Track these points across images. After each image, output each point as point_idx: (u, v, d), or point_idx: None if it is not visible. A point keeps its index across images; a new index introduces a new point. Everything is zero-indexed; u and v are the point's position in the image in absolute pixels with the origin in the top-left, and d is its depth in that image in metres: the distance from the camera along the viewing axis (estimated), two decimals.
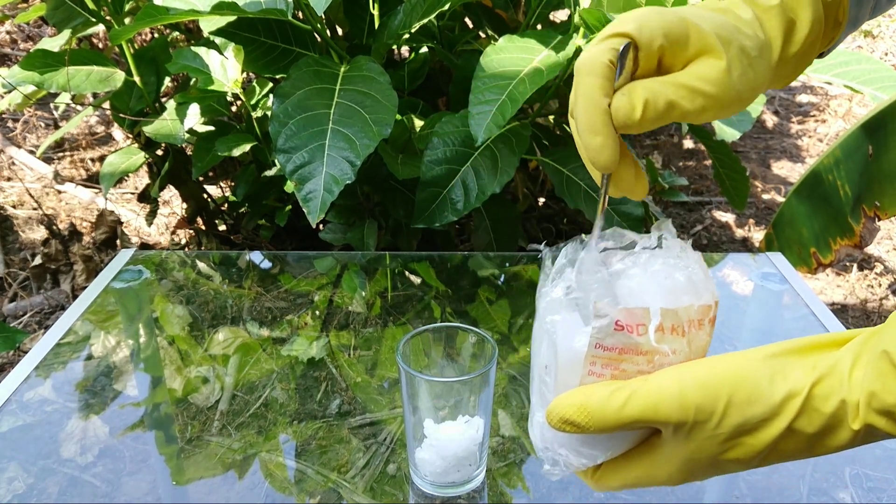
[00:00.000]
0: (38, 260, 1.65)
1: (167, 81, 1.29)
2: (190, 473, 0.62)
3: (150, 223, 1.50)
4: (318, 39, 1.13)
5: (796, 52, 0.45)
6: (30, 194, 1.93)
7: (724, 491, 0.62)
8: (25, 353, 1.05)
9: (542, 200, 1.73)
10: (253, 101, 1.22)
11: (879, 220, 1.23)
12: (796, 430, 0.34)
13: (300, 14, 1.13)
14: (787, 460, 0.36)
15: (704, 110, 0.40)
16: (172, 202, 1.96)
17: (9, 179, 2.07)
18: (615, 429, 0.36)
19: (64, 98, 1.53)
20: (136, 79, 1.23)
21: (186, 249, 1.69)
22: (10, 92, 1.36)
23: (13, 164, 2.13)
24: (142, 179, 2.09)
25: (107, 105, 1.42)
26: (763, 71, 0.43)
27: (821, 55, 0.49)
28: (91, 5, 1.17)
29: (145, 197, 1.51)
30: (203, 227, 1.53)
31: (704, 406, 0.35)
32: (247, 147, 1.18)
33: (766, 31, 0.43)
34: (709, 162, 2.28)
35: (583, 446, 0.39)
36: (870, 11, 0.50)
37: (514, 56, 1.00)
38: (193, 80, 1.27)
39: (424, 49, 1.23)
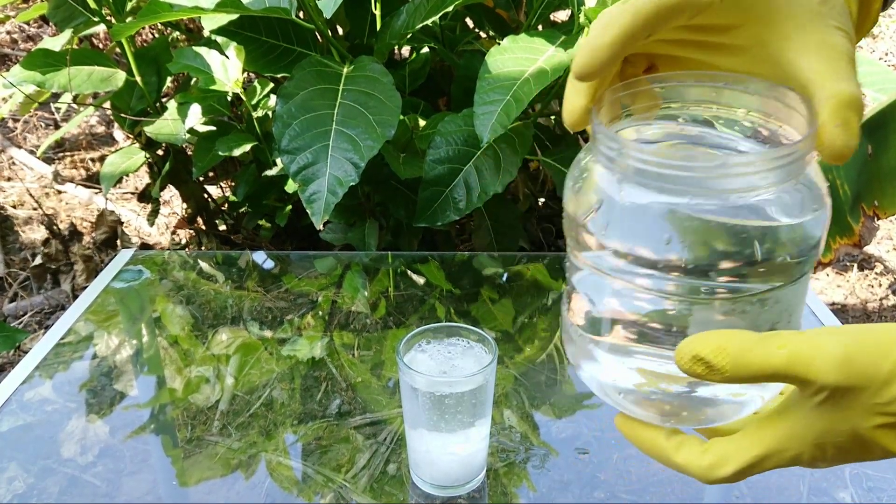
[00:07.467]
0: (38, 260, 1.65)
1: (168, 81, 1.29)
2: (190, 473, 0.62)
3: (151, 223, 1.50)
4: (320, 39, 1.13)
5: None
6: (30, 194, 1.93)
7: (724, 491, 0.62)
8: (25, 353, 1.05)
9: (542, 201, 1.73)
10: (254, 101, 1.22)
11: (879, 219, 1.23)
12: None
13: (301, 13, 1.13)
14: None
15: None
16: (173, 202, 1.96)
17: (9, 179, 2.07)
18: (751, 378, 0.32)
19: (65, 98, 1.53)
20: (138, 78, 1.23)
21: (187, 249, 1.69)
22: (12, 96, 1.36)
23: (13, 164, 2.13)
24: (142, 179, 2.09)
25: (107, 105, 1.42)
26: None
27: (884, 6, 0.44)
28: (92, 4, 1.17)
29: (145, 197, 1.51)
30: (203, 227, 1.53)
31: (867, 369, 0.30)
32: (247, 147, 1.18)
33: None
34: None
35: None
36: None
37: (518, 56, 1.00)
38: (194, 79, 1.27)
39: (426, 49, 1.23)
